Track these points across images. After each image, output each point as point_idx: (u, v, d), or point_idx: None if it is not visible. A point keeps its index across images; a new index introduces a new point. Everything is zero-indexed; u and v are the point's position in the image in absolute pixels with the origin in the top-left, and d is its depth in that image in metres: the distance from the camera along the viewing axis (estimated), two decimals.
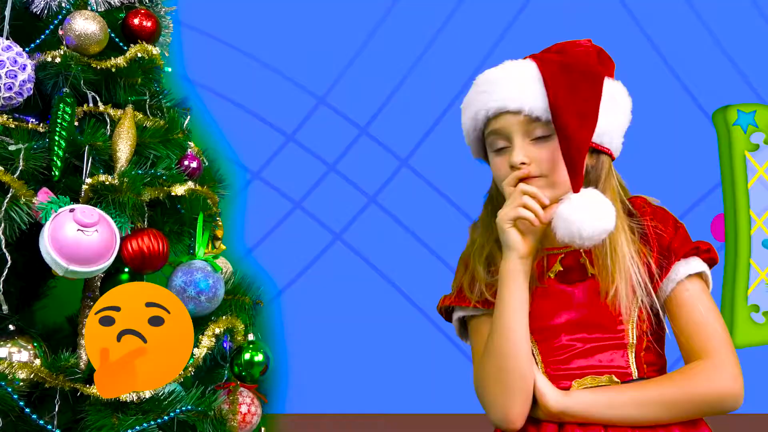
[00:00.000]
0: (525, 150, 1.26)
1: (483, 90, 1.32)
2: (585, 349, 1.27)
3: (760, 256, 2.42)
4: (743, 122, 2.44)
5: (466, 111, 1.35)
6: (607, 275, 1.26)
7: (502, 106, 1.28)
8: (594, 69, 1.27)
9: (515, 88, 1.28)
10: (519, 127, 1.27)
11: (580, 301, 1.28)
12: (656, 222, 1.31)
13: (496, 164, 1.31)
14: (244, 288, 1.88)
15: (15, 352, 1.55)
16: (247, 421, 1.80)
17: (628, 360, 1.27)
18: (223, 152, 2.39)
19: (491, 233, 1.35)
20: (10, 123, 1.60)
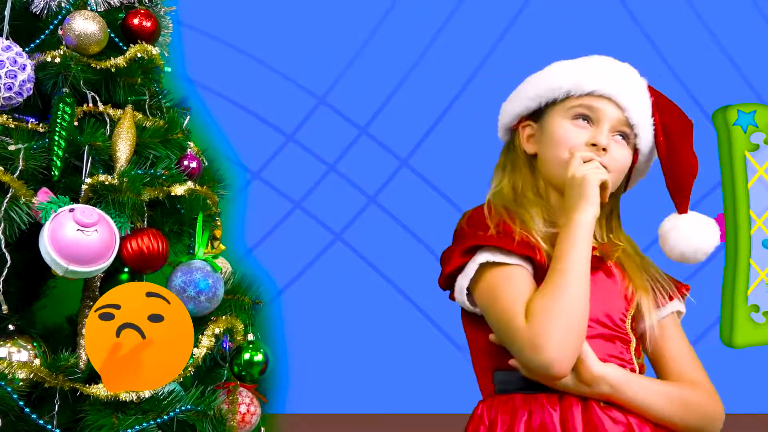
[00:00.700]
0: (609, 139, 1.31)
1: (601, 68, 1.36)
2: (598, 334, 1.27)
3: (760, 256, 2.42)
4: (743, 122, 2.44)
5: (568, 72, 1.35)
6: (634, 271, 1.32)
7: (614, 93, 1.32)
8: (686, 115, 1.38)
9: (630, 89, 1.34)
10: (613, 119, 1.31)
11: (594, 290, 1.26)
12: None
13: (569, 129, 1.31)
14: (244, 288, 1.88)
15: (15, 352, 1.55)
16: (247, 421, 1.80)
17: (632, 359, 1.29)
18: (223, 152, 2.39)
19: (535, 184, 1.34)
20: (10, 123, 1.61)
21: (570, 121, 1.32)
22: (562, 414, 1.21)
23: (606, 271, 1.31)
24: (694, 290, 2.42)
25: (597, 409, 1.21)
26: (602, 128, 1.30)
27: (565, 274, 1.20)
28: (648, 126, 1.34)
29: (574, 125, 1.31)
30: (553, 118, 1.34)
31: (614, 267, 1.33)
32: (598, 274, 1.30)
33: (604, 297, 1.29)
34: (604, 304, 1.28)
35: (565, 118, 1.32)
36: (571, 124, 1.32)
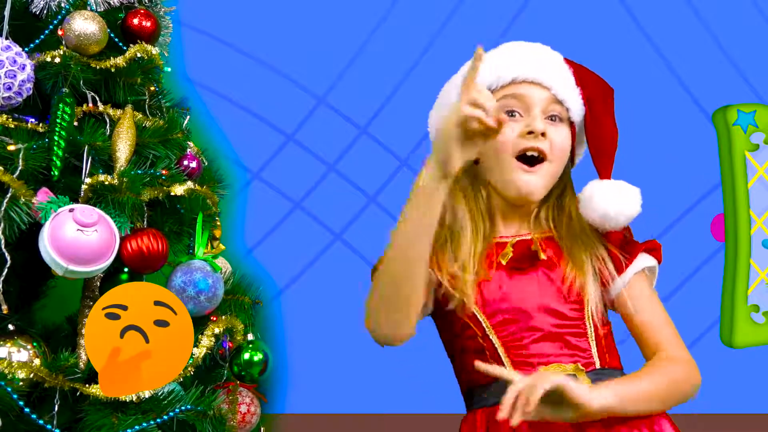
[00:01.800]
0: (543, 123, 1.29)
1: (515, 55, 1.34)
2: (545, 335, 1.26)
3: (760, 256, 2.42)
4: (743, 122, 2.44)
5: (488, 67, 1.27)
6: (576, 257, 1.28)
7: (536, 76, 1.30)
8: (607, 83, 1.35)
9: (550, 66, 1.33)
10: (543, 101, 1.30)
11: (533, 286, 1.28)
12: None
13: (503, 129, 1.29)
14: (244, 288, 1.89)
15: (15, 351, 1.55)
16: (247, 421, 1.80)
17: (589, 349, 1.27)
18: (223, 152, 2.39)
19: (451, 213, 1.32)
20: (10, 123, 1.61)
21: None
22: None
23: (548, 264, 1.29)
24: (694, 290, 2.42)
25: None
26: (534, 113, 1.28)
27: (391, 259, 1.18)
28: (576, 98, 1.32)
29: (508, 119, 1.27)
30: None
31: (559, 255, 1.30)
32: (537, 271, 1.29)
33: (547, 293, 1.27)
34: (547, 301, 1.27)
35: None
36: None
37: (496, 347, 1.27)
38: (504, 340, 1.27)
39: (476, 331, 1.29)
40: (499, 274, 1.29)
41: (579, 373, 1.24)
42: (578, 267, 1.28)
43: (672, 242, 2.37)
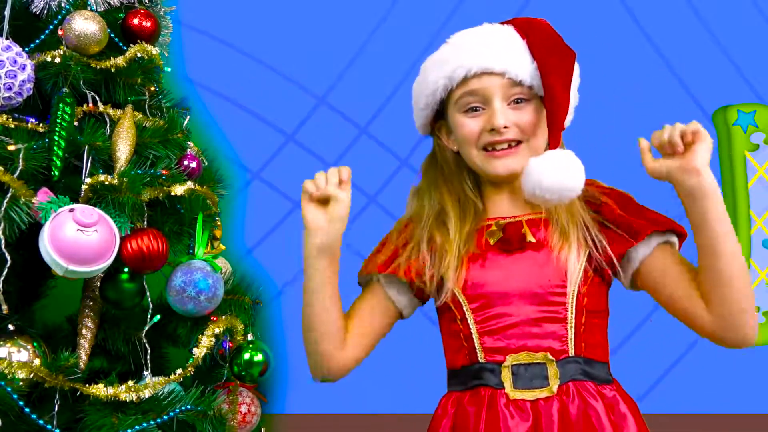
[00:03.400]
0: (505, 113, 1.26)
1: (463, 48, 1.31)
2: (520, 321, 1.25)
3: (760, 256, 2.41)
4: (743, 122, 2.44)
5: (439, 69, 1.32)
6: (560, 235, 1.26)
7: (486, 66, 1.27)
8: (567, 44, 1.29)
9: (499, 50, 1.28)
10: (500, 89, 1.27)
11: (518, 269, 1.27)
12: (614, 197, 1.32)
13: (466, 124, 1.29)
14: (244, 288, 1.88)
15: (15, 351, 1.55)
16: (247, 421, 1.80)
17: (566, 336, 1.25)
18: (223, 152, 2.39)
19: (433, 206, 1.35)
20: (10, 123, 1.60)
21: (463, 116, 1.30)
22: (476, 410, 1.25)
23: (537, 246, 1.27)
24: None
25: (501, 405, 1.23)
26: (494, 107, 1.27)
27: (304, 310, 1.33)
28: (535, 72, 1.27)
29: (469, 117, 1.29)
30: (452, 117, 1.33)
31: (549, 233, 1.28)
32: (524, 253, 1.27)
33: (531, 276, 1.26)
34: (530, 285, 1.25)
35: (459, 113, 1.31)
36: (466, 118, 1.30)
37: (471, 332, 1.27)
38: (480, 324, 1.27)
39: (456, 314, 1.30)
40: (486, 255, 1.29)
41: (548, 363, 1.23)
42: (564, 237, 1.26)
43: None
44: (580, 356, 1.25)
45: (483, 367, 1.26)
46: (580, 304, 1.25)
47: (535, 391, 1.22)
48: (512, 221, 1.30)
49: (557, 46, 1.28)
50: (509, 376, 1.23)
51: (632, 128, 2.42)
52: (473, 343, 1.27)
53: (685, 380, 2.33)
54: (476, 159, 1.30)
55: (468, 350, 1.28)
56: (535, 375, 1.23)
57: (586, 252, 1.26)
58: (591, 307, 1.27)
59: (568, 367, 1.24)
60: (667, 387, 2.30)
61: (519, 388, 1.23)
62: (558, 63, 1.26)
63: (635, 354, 2.22)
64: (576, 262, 1.25)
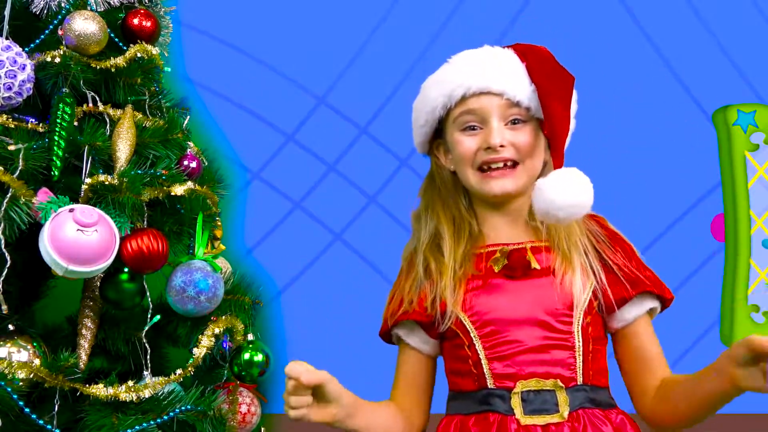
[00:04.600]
0: (501, 133, 1.27)
1: (463, 68, 1.32)
2: (530, 348, 1.25)
3: (760, 256, 2.41)
4: (743, 122, 2.43)
5: (437, 87, 1.33)
6: (563, 261, 1.27)
7: (485, 85, 1.28)
8: (566, 70, 1.30)
9: (499, 71, 1.30)
10: (498, 109, 1.28)
11: (524, 296, 1.27)
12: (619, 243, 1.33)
13: (463, 142, 1.30)
14: (244, 288, 1.88)
15: (15, 351, 1.55)
16: (247, 421, 1.80)
17: (574, 364, 1.25)
18: (223, 152, 2.39)
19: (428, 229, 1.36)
20: (10, 123, 1.60)
21: (461, 134, 1.31)
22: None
23: (541, 274, 1.28)
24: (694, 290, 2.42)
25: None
26: (491, 126, 1.28)
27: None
28: (533, 94, 1.29)
29: (467, 135, 1.30)
30: (450, 135, 1.34)
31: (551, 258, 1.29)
32: (529, 280, 1.27)
33: (537, 303, 1.26)
34: (537, 312, 1.26)
35: (456, 131, 1.32)
36: (463, 136, 1.31)
37: (480, 358, 1.27)
38: (489, 350, 1.26)
39: (463, 340, 1.29)
40: (490, 282, 1.29)
41: (558, 390, 1.23)
42: (567, 262, 1.27)
43: (672, 242, 2.39)
44: (587, 384, 1.26)
45: (492, 393, 1.25)
46: (585, 331, 1.26)
47: (546, 417, 1.23)
48: (516, 248, 1.30)
49: (556, 70, 1.29)
50: (519, 402, 1.23)
51: (632, 128, 2.44)
52: (482, 368, 1.26)
53: None
54: (471, 179, 1.31)
55: (476, 376, 1.28)
56: (545, 401, 1.23)
57: (591, 283, 1.28)
58: (594, 334, 1.28)
59: (577, 395, 1.24)
60: None
61: (529, 414, 1.23)
62: (557, 85, 1.28)
63: None
64: (581, 289, 1.26)
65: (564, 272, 1.26)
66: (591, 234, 1.32)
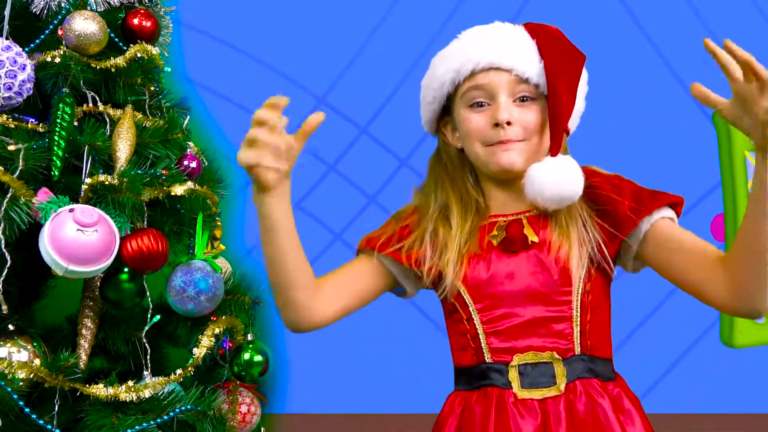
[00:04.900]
0: (509, 109, 1.26)
1: (472, 44, 1.31)
2: (526, 321, 1.25)
3: None
4: None
5: (446, 63, 1.32)
6: (561, 234, 1.25)
7: (494, 61, 1.27)
8: (577, 49, 1.29)
9: (508, 46, 1.29)
10: (507, 85, 1.27)
11: (522, 270, 1.26)
12: (611, 188, 1.29)
13: (471, 119, 1.29)
14: (244, 288, 1.88)
15: (15, 351, 1.55)
16: (247, 421, 1.80)
17: (571, 334, 1.25)
18: (223, 152, 2.39)
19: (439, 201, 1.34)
20: (10, 123, 1.61)
21: (469, 110, 1.30)
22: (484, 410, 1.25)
23: (540, 246, 1.26)
24: None
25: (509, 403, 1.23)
26: (499, 102, 1.26)
27: (266, 265, 1.28)
28: (543, 71, 1.27)
29: (475, 112, 1.29)
30: (458, 112, 1.32)
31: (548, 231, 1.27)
32: (528, 252, 1.27)
33: (535, 276, 1.26)
34: (534, 285, 1.25)
35: (464, 107, 1.31)
36: (471, 113, 1.29)
37: (477, 332, 1.27)
38: (486, 325, 1.27)
39: (462, 314, 1.30)
40: (489, 256, 1.29)
41: (555, 362, 1.23)
42: (564, 237, 1.26)
43: None
44: (585, 354, 1.25)
45: (490, 367, 1.26)
46: (584, 302, 1.26)
47: (543, 390, 1.23)
48: (514, 219, 1.30)
49: (566, 48, 1.29)
50: (516, 376, 1.24)
51: (632, 128, 2.43)
52: (480, 342, 1.27)
53: (685, 380, 2.33)
54: (479, 152, 1.29)
55: (475, 350, 1.28)
56: (542, 374, 1.23)
57: (587, 250, 1.26)
58: (595, 303, 1.27)
59: (575, 365, 1.24)
60: (667, 387, 2.30)
61: (527, 388, 1.23)
62: (565, 64, 1.26)
63: (635, 354, 2.22)
64: (579, 260, 1.25)
65: (561, 245, 1.25)
66: (588, 199, 1.29)
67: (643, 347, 2.29)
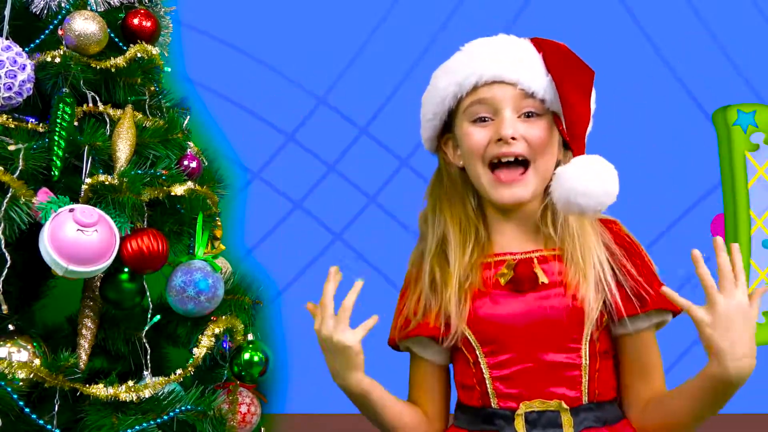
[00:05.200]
0: (514, 124, 1.21)
1: (476, 56, 1.25)
2: (534, 368, 1.20)
3: (760, 256, 2.41)
4: (743, 122, 2.43)
5: (448, 76, 1.27)
6: (577, 272, 1.20)
7: (498, 74, 1.22)
8: (586, 64, 1.24)
9: (513, 59, 1.23)
10: (511, 100, 1.22)
11: (532, 312, 1.21)
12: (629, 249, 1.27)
13: (473, 134, 1.24)
14: (244, 288, 1.88)
15: (15, 351, 1.55)
16: (247, 421, 1.80)
17: (581, 383, 1.21)
18: (223, 152, 2.39)
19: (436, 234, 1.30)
20: (10, 123, 1.60)
21: (471, 126, 1.25)
22: None
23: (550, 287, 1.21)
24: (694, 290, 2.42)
25: None
26: (503, 117, 1.21)
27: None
28: (549, 86, 1.22)
29: (477, 127, 1.24)
30: (460, 127, 1.27)
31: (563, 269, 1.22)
32: (537, 293, 1.21)
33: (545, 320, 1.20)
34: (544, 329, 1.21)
35: (466, 122, 1.25)
36: (473, 128, 1.24)
37: (484, 376, 1.23)
38: (493, 369, 1.23)
39: (468, 357, 1.26)
40: (496, 296, 1.24)
41: (562, 411, 1.20)
42: (582, 275, 1.20)
43: (672, 242, 2.38)
44: (593, 402, 1.22)
45: (495, 413, 1.22)
46: (593, 348, 1.22)
47: None
48: (523, 259, 1.24)
49: (575, 62, 1.23)
50: (523, 424, 1.20)
51: (632, 128, 2.43)
52: (486, 387, 1.23)
53: None
54: (482, 177, 1.24)
55: (480, 394, 1.24)
56: (549, 422, 1.20)
57: (602, 295, 1.21)
58: (602, 348, 1.23)
59: (582, 415, 1.21)
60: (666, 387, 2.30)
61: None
62: (575, 75, 1.21)
63: None
64: (593, 304, 1.19)
65: (577, 286, 1.20)
66: (605, 244, 1.25)
67: None
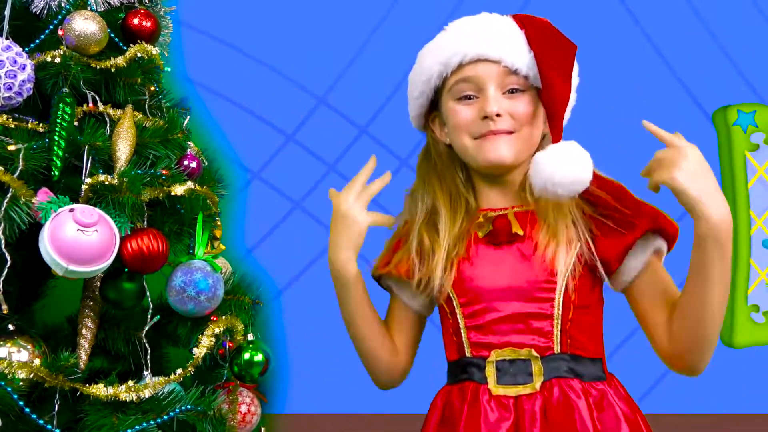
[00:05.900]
0: (498, 101, 1.24)
1: (460, 35, 1.29)
2: (506, 316, 1.24)
3: (760, 256, 2.42)
4: (743, 122, 2.44)
5: (433, 55, 1.31)
6: (548, 232, 1.23)
7: (481, 53, 1.25)
8: (568, 39, 1.27)
9: (496, 37, 1.26)
10: (495, 77, 1.25)
11: (506, 265, 1.25)
12: (611, 190, 1.28)
13: (459, 112, 1.27)
14: (244, 288, 1.88)
15: (15, 351, 1.55)
16: (247, 421, 1.80)
17: (551, 332, 1.23)
18: (223, 152, 2.39)
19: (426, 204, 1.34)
20: (10, 123, 1.61)
21: (457, 103, 1.28)
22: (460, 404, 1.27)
23: (525, 240, 1.25)
24: None
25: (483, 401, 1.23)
26: (487, 94, 1.24)
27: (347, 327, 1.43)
28: (532, 62, 1.24)
29: (462, 104, 1.27)
30: (445, 105, 1.31)
31: (536, 229, 1.25)
32: (512, 247, 1.25)
33: (518, 271, 1.24)
34: (517, 280, 1.24)
35: (452, 100, 1.29)
36: (459, 106, 1.27)
37: (459, 326, 1.27)
38: (467, 319, 1.26)
39: (446, 309, 1.30)
40: (475, 250, 1.28)
41: (533, 359, 1.22)
42: (551, 234, 1.23)
43: None
44: (567, 353, 1.23)
45: (470, 362, 1.26)
46: (567, 300, 1.23)
47: (518, 388, 1.22)
48: (501, 214, 1.29)
49: (556, 38, 1.26)
50: (493, 371, 1.23)
51: (632, 128, 2.43)
52: (461, 337, 1.27)
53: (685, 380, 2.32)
54: (468, 146, 1.27)
55: (457, 345, 1.29)
56: (519, 371, 1.22)
57: (576, 247, 1.23)
58: (580, 302, 1.24)
59: (553, 364, 1.22)
60: (666, 387, 2.30)
61: (502, 384, 1.22)
62: (556, 54, 1.24)
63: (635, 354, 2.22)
64: (564, 258, 1.22)
65: (547, 244, 1.23)
66: (584, 198, 1.26)
67: (643, 347, 2.28)
